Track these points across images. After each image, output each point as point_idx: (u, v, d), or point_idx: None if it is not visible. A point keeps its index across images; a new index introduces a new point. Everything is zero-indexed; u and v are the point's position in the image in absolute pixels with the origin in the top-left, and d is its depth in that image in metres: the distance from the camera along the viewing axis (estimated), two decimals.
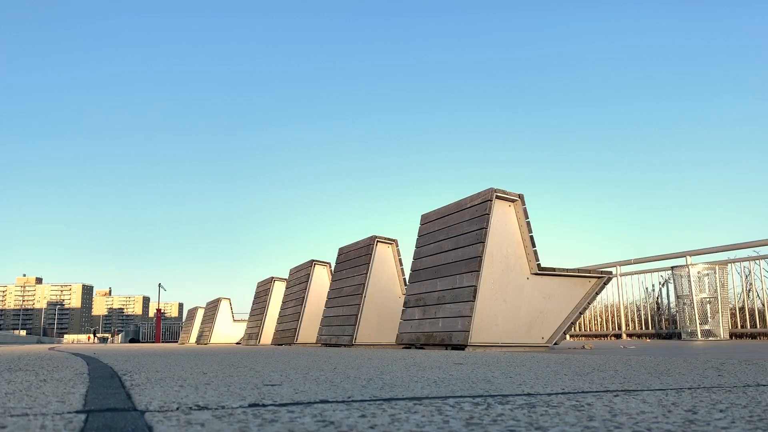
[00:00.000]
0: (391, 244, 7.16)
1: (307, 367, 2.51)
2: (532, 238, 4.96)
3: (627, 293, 10.19)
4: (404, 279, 7.09)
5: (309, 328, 8.99)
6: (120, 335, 42.33)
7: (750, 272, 8.19)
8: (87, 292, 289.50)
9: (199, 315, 19.05)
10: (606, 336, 10.43)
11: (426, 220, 5.92)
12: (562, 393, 1.41)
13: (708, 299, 7.77)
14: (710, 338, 7.73)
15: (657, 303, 9.69)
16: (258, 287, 12.32)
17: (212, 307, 16.56)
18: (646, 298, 9.87)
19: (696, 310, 7.76)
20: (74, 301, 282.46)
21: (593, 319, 10.85)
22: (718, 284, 7.73)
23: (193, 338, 18.95)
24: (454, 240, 5.23)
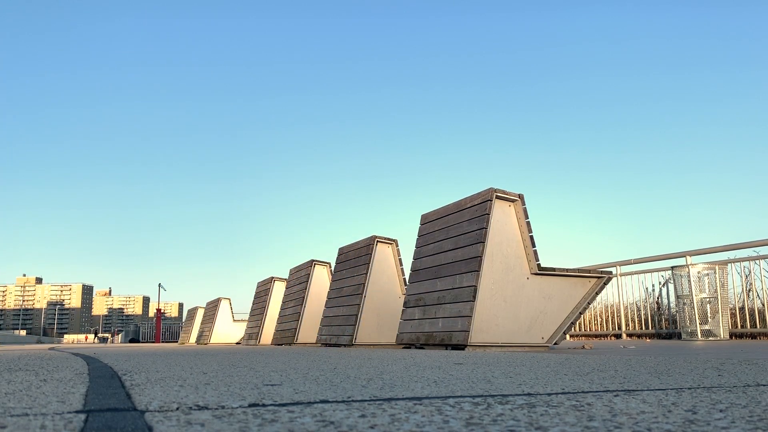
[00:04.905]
0: (391, 244, 7.16)
1: (307, 367, 2.51)
2: (532, 238, 4.96)
3: (627, 293, 10.19)
4: (404, 279, 7.09)
5: (309, 328, 8.99)
6: (120, 335, 42.32)
7: (750, 272, 8.19)
8: (87, 292, 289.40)
9: (199, 315, 19.05)
10: (606, 336, 10.43)
11: (426, 220, 5.92)
12: (562, 393, 1.41)
13: (708, 299, 7.77)
14: (710, 338, 7.73)
15: (657, 303, 9.69)
16: (258, 287, 12.32)
17: (212, 307, 16.57)
18: (646, 298, 9.87)
19: (696, 310, 7.75)
20: (74, 301, 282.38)
21: (593, 319, 10.85)
22: (718, 284, 7.73)
23: (193, 338, 18.96)
24: (454, 240, 5.23)
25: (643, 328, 9.71)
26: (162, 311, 27.67)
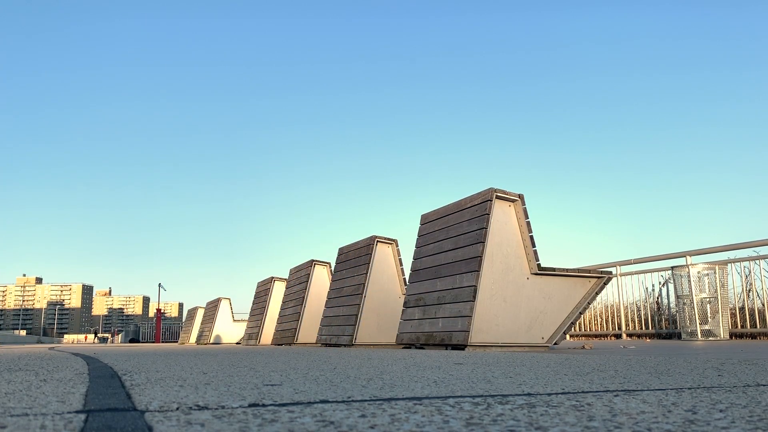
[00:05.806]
0: (391, 244, 7.16)
1: (307, 367, 2.51)
2: (532, 238, 4.96)
3: (627, 293, 10.19)
4: (404, 279, 7.09)
5: (309, 328, 8.99)
6: (120, 335, 42.31)
7: (750, 272, 8.18)
8: (87, 292, 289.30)
9: (199, 315, 19.05)
10: (606, 336, 10.43)
11: (426, 220, 5.92)
12: (562, 393, 1.41)
13: (708, 299, 7.77)
14: (710, 338, 7.72)
15: (657, 303, 9.69)
16: (258, 287, 12.32)
17: (212, 307, 16.56)
18: (646, 298, 9.87)
19: (696, 310, 7.75)
20: (74, 301, 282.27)
21: (593, 319, 10.85)
22: (718, 284, 7.73)
23: (193, 338, 18.96)
24: (454, 240, 5.23)
25: (643, 328, 9.71)
26: (162, 311, 27.67)
